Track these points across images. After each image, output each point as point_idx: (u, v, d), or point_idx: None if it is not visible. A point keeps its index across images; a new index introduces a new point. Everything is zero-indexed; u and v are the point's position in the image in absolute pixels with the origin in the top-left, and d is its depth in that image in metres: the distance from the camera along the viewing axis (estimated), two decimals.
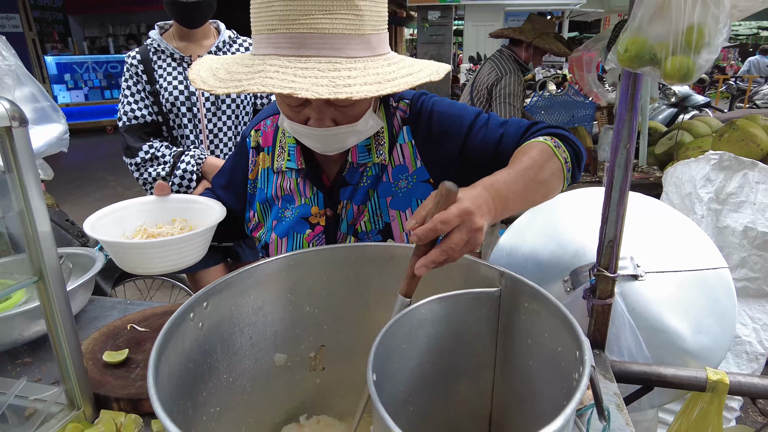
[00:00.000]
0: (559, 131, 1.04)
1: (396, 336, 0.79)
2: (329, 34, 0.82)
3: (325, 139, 0.98)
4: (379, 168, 1.11)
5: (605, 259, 1.05)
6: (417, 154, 1.11)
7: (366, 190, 1.12)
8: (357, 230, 1.13)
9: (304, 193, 1.15)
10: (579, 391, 0.59)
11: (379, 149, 1.10)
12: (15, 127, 0.75)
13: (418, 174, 1.11)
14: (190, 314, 0.79)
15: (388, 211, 1.11)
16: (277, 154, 1.17)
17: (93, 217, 1.05)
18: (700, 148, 2.52)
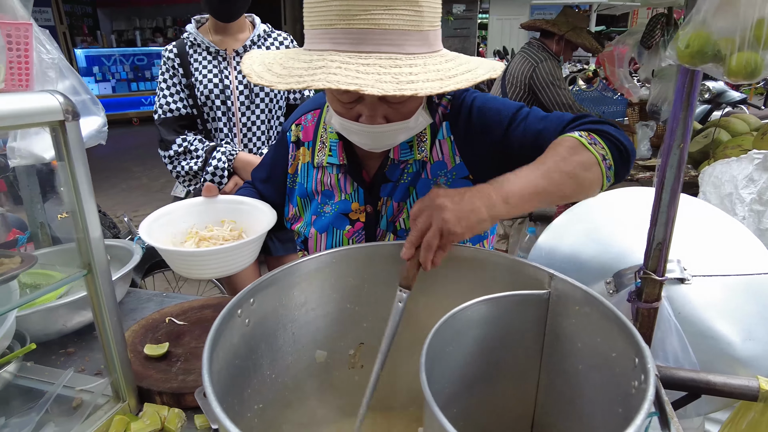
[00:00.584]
0: (601, 127, 1.00)
1: (443, 337, 0.78)
2: (389, 30, 0.81)
3: (375, 137, 0.97)
4: (419, 165, 1.10)
5: (653, 261, 1.02)
6: (456, 150, 1.09)
7: (406, 187, 1.11)
8: (396, 228, 1.12)
9: (344, 188, 1.14)
10: (647, 401, 0.57)
11: (421, 146, 1.09)
12: (68, 120, 0.75)
13: (457, 170, 1.10)
14: (237, 311, 0.79)
15: None
16: (317, 149, 1.16)
17: (146, 222, 1.06)
18: (740, 147, 2.44)
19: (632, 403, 0.67)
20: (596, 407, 0.79)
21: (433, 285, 0.94)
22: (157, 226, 1.07)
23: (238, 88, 1.82)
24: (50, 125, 0.74)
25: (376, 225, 1.13)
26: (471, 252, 0.94)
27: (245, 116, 1.85)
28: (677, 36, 0.83)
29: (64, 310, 1.13)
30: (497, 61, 0.90)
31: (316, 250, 1.17)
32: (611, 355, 0.75)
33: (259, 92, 1.84)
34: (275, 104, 1.90)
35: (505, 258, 0.92)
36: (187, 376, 1.00)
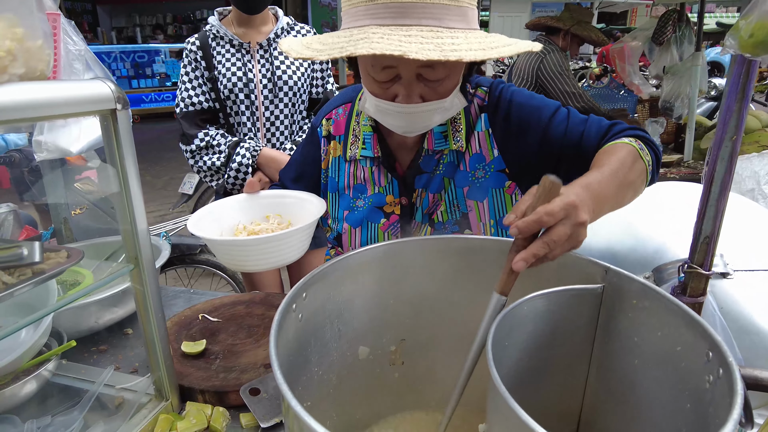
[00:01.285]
0: (641, 133, 1.01)
1: (502, 332, 0.77)
2: (430, 4, 0.82)
3: (411, 117, 0.96)
4: (455, 156, 1.09)
5: (699, 256, 1.01)
6: (494, 143, 1.08)
7: (441, 179, 1.10)
8: (433, 220, 1.11)
9: (378, 181, 1.13)
10: (739, 395, 0.55)
11: (456, 136, 1.08)
12: (119, 109, 0.73)
13: (495, 164, 1.09)
14: (292, 305, 0.77)
15: (465, 201, 1.10)
16: (350, 142, 1.15)
17: (193, 219, 1.05)
18: (758, 143, 2.44)
19: (706, 398, 0.66)
20: (657, 402, 0.78)
21: (486, 279, 0.93)
22: (204, 223, 1.05)
23: (261, 81, 1.80)
24: (101, 113, 0.72)
25: (411, 217, 1.12)
26: None
27: (268, 110, 1.83)
28: (737, 26, 0.82)
29: (96, 306, 1.11)
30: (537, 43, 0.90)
31: (351, 246, 1.16)
32: (676, 349, 0.73)
33: (282, 86, 1.82)
34: (298, 98, 1.88)
35: None
36: (228, 373, 0.98)
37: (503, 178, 1.09)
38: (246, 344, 1.09)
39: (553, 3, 9.54)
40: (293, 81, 1.83)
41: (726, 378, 0.60)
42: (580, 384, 0.92)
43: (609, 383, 0.87)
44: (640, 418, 0.81)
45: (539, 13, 9.91)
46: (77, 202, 1.94)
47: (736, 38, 0.81)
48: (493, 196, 1.09)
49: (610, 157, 0.92)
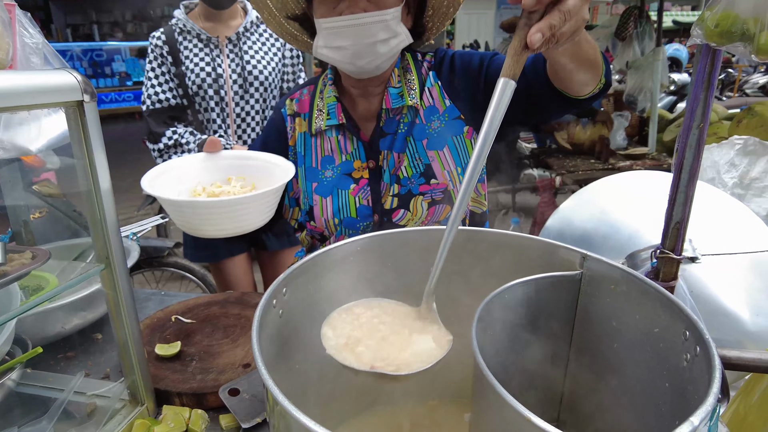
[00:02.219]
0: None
1: (484, 320, 0.77)
2: None
3: (357, 32, 1.02)
4: (413, 113, 1.16)
5: (671, 241, 1.04)
6: (444, 94, 1.17)
7: (404, 138, 1.16)
8: (399, 176, 1.16)
9: (345, 149, 1.19)
10: (717, 369, 0.56)
11: (411, 93, 1.15)
12: (87, 101, 0.69)
13: (448, 112, 1.17)
14: (272, 302, 0.75)
15: (426, 152, 1.16)
16: (314, 116, 1.20)
17: (147, 177, 0.95)
18: (716, 135, 2.53)
19: (684, 376, 0.68)
20: (637, 383, 0.79)
21: (468, 269, 0.93)
22: (158, 183, 0.97)
23: (231, 77, 1.76)
24: (67, 105, 0.68)
25: (380, 179, 1.17)
26: (502, 236, 0.93)
27: (239, 106, 1.79)
28: (703, 16, 0.84)
29: (62, 311, 1.06)
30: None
31: (323, 216, 1.18)
32: (653, 331, 0.75)
33: (253, 81, 1.78)
34: (269, 93, 1.85)
35: (538, 241, 0.91)
36: (206, 375, 0.95)
37: (461, 125, 1.17)
38: (223, 345, 1.06)
39: None
40: (264, 76, 1.80)
41: (703, 355, 0.62)
42: (561, 369, 0.93)
43: (590, 367, 0.88)
44: (621, 399, 0.83)
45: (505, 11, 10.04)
46: (36, 205, 1.86)
47: (702, 28, 0.83)
48: (454, 143, 1.17)
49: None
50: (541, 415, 1.01)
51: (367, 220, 1.17)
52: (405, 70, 1.18)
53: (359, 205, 1.16)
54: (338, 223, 1.18)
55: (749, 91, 7.89)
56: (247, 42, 1.81)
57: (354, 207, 1.17)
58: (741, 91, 8.10)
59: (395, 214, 1.17)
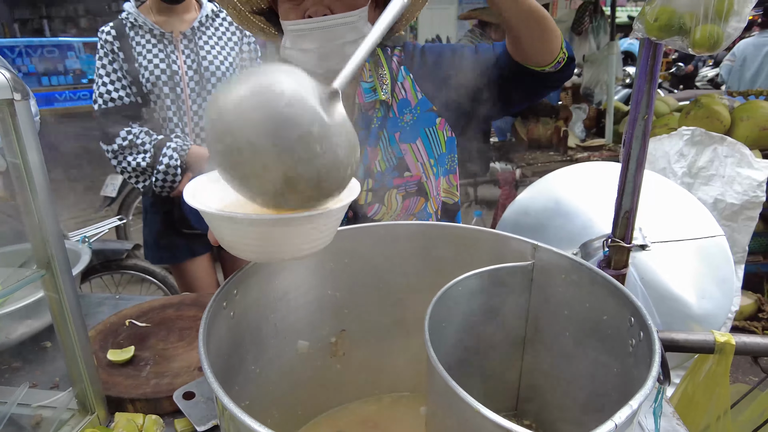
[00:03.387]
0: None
1: (439, 313, 0.78)
2: None
3: (324, 34, 1.00)
4: (385, 108, 1.15)
5: (621, 230, 1.07)
6: (416, 87, 1.17)
7: (377, 132, 1.15)
8: (372, 171, 1.15)
9: None
10: (657, 354, 0.59)
11: (384, 88, 1.15)
12: (18, 100, 0.66)
13: (421, 105, 1.16)
14: (223, 303, 0.74)
15: (399, 145, 1.15)
16: None
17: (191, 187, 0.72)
18: (667, 126, 2.62)
19: (630, 360, 0.70)
20: (587, 369, 0.82)
21: (422, 263, 0.93)
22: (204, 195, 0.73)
23: (187, 73, 1.71)
24: None
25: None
26: (456, 229, 0.94)
27: (196, 103, 1.74)
28: (643, 10, 0.86)
29: (5, 320, 1.02)
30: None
31: None
32: (602, 318, 0.77)
33: (210, 77, 1.73)
34: None
35: (489, 233, 0.93)
36: (160, 379, 0.93)
37: (433, 116, 1.17)
38: (178, 348, 1.04)
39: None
40: (221, 71, 1.75)
41: (646, 339, 0.64)
42: (517, 360, 0.95)
43: (543, 355, 0.90)
44: (573, 386, 0.85)
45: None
46: None
47: (642, 22, 0.85)
48: (427, 135, 1.17)
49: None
50: (500, 405, 1.03)
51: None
52: (376, 64, 1.17)
53: None
54: None
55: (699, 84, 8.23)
56: (203, 37, 1.76)
57: None
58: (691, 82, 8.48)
59: (370, 208, 1.16)
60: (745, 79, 3.85)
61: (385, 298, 0.99)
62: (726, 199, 2.06)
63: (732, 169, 2.05)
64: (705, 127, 2.38)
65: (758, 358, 1.13)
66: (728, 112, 2.51)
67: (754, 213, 2.03)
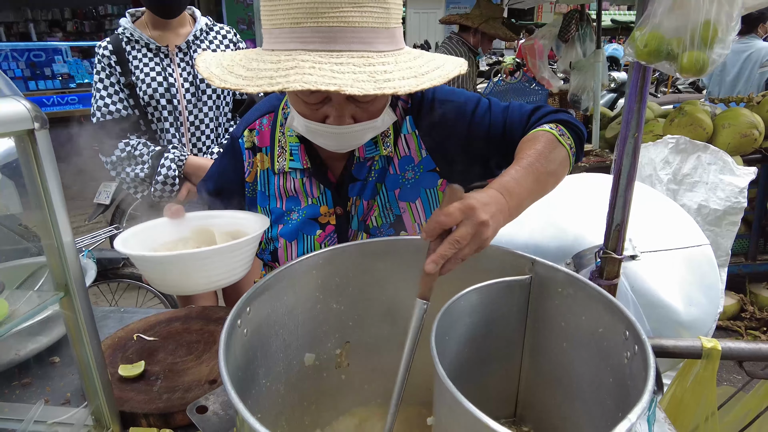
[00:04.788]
0: (562, 116, 1.05)
1: (443, 327, 0.81)
2: (359, 28, 0.80)
3: (343, 137, 0.95)
4: (385, 161, 1.10)
5: (612, 242, 1.12)
6: (421, 144, 1.10)
7: (374, 185, 1.10)
8: (368, 226, 1.12)
9: (311, 193, 1.11)
10: (651, 368, 0.63)
11: (386, 141, 1.09)
12: (37, 129, 0.69)
13: (424, 164, 1.11)
14: (237, 321, 0.76)
15: (398, 203, 1.11)
16: (277, 154, 1.12)
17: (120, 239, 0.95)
18: (652, 132, 2.69)
19: (625, 372, 0.74)
20: (584, 380, 0.86)
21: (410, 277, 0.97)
22: (132, 243, 0.97)
23: (183, 85, 1.73)
24: (16, 134, 0.67)
25: (348, 226, 1.12)
26: None
27: (192, 114, 1.76)
28: (633, 36, 0.91)
29: (15, 338, 1.03)
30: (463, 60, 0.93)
31: (287, 260, 1.14)
32: (598, 330, 0.81)
33: (206, 89, 1.76)
34: (222, 101, 1.83)
35: (489, 248, 0.96)
36: (172, 394, 0.95)
37: (435, 177, 1.12)
38: (187, 362, 1.06)
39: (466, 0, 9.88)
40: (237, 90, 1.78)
41: (640, 353, 0.68)
42: (515, 369, 0.99)
43: (541, 366, 0.94)
44: (570, 395, 0.89)
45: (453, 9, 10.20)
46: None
47: (633, 47, 0.90)
48: (427, 195, 1.12)
49: (528, 149, 0.96)
50: (500, 412, 1.07)
51: None
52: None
53: None
54: None
55: (681, 87, 8.39)
56: (198, 50, 1.79)
57: None
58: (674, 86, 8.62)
59: None
60: (725, 84, 3.96)
61: (388, 311, 1.02)
62: (710, 205, 2.13)
63: (715, 176, 2.12)
64: (688, 134, 2.45)
65: (743, 362, 1.18)
66: (711, 119, 2.59)
67: (737, 218, 2.10)
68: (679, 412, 1.20)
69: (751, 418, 1.30)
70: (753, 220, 3.00)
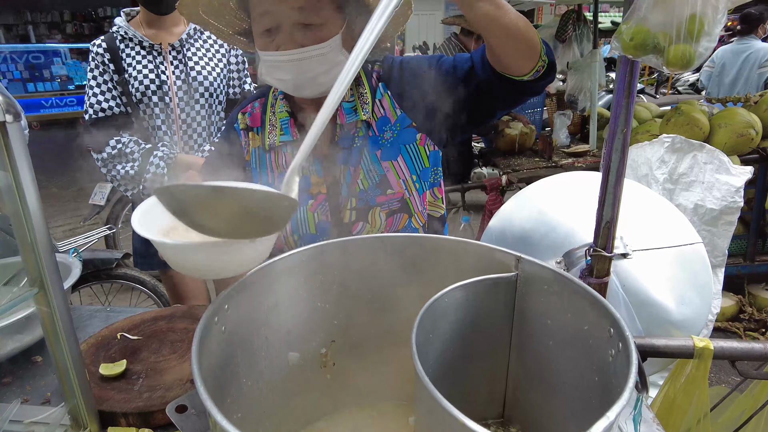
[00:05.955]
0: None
1: (426, 325, 0.80)
2: None
3: (296, 66, 1.01)
4: (366, 126, 1.16)
5: (602, 240, 1.10)
6: (395, 103, 1.16)
7: (359, 151, 1.15)
8: (355, 189, 1.16)
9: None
10: (634, 365, 0.61)
11: (365, 108, 1.15)
12: (9, 122, 0.67)
13: (400, 122, 1.16)
14: (214, 318, 0.75)
15: (380, 163, 1.16)
16: (267, 131, 1.18)
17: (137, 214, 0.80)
18: (649, 132, 2.68)
19: (610, 370, 0.73)
20: (570, 378, 0.84)
21: (409, 274, 0.95)
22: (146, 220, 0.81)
23: (176, 83, 1.73)
24: None
25: (338, 194, 1.16)
26: (442, 242, 0.97)
27: (184, 112, 1.76)
28: (620, 29, 0.90)
29: None
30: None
31: (281, 233, 1.18)
32: (583, 328, 0.80)
33: (198, 87, 1.76)
34: (215, 99, 1.83)
35: (475, 245, 0.95)
36: (153, 393, 0.94)
37: (413, 132, 1.17)
38: (170, 360, 1.05)
39: None
40: (209, 81, 1.79)
41: (624, 350, 0.67)
42: (502, 367, 0.97)
43: (528, 364, 0.93)
44: (557, 393, 0.88)
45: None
46: None
47: (619, 41, 0.89)
48: (408, 151, 1.17)
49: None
50: (488, 413, 1.05)
51: (326, 235, 1.16)
52: (356, 83, 1.17)
53: (318, 221, 1.16)
54: (297, 239, 1.17)
55: (681, 88, 8.37)
56: (191, 48, 1.79)
57: (313, 223, 1.16)
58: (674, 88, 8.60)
59: (354, 227, 1.16)
60: (724, 85, 3.95)
61: (374, 309, 1.01)
62: (706, 205, 2.11)
63: (711, 176, 2.11)
64: (685, 133, 2.44)
65: (735, 362, 1.16)
66: (707, 118, 2.57)
67: (733, 218, 2.08)
68: (671, 413, 1.19)
69: (744, 418, 1.29)
70: (751, 221, 2.98)
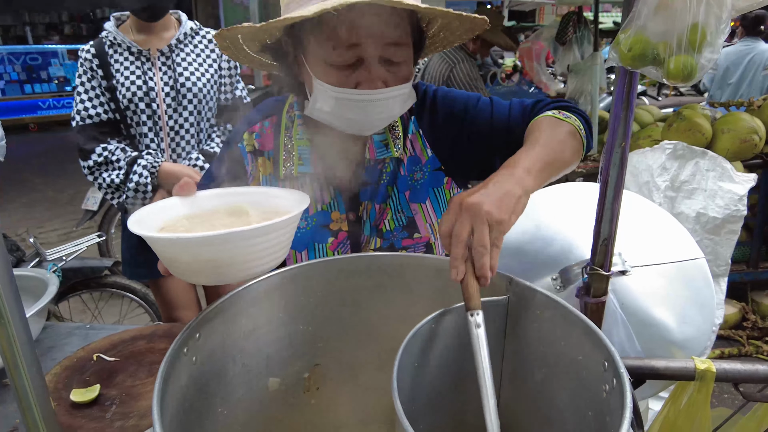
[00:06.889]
0: (563, 103, 1.03)
1: (411, 353, 0.76)
2: None
3: (374, 107, 0.92)
4: (395, 163, 1.08)
5: (600, 257, 1.05)
6: (426, 143, 1.10)
7: (386, 188, 1.08)
8: (381, 230, 1.09)
9: (321, 199, 1.08)
10: (628, 408, 0.57)
11: (396, 143, 1.07)
12: None
13: (430, 163, 1.10)
14: (183, 349, 0.71)
15: (409, 205, 1.09)
16: (282, 159, 1.07)
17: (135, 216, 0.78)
18: (650, 137, 2.63)
19: (603, 407, 0.68)
20: (563, 412, 0.80)
21: (397, 294, 0.91)
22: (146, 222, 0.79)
23: (163, 89, 1.69)
24: None
25: (360, 232, 1.09)
26: (432, 261, 0.92)
27: (172, 119, 1.73)
28: (617, 39, 0.85)
29: None
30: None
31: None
32: (577, 358, 0.75)
33: (186, 93, 1.72)
34: (204, 105, 1.79)
35: None
36: (126, 421, 0.90)
37: (441, 176, 1.11)
38: (147, 384, 1.01)
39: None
40: (198, 88, 1.74)
41: (618, 389, 0.62)
42: None
43: (520, 393, 0.88)
44: (550, 426, 0.83)
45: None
46: None
47: (617, 52, 0.84)
48: (435, 195, 1.11)
49: (533, 132, 0.95)
50: None
51: None
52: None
53: None
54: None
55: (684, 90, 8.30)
56: (180, 54, 1.75)
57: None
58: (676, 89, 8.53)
59: None
60: (728, 88, 3.89)
61: (360, 332, 0.97)
62: (708, 213, 2.06)
63: (714, 183, 2.06)
64: (687, 139, 2.38)
65: (738, 384, 1.12)
66: (710, 124, 2.52)
67: (736, 226, 2.03)
68: None
69: None
70: (754, 227, 2.93)
